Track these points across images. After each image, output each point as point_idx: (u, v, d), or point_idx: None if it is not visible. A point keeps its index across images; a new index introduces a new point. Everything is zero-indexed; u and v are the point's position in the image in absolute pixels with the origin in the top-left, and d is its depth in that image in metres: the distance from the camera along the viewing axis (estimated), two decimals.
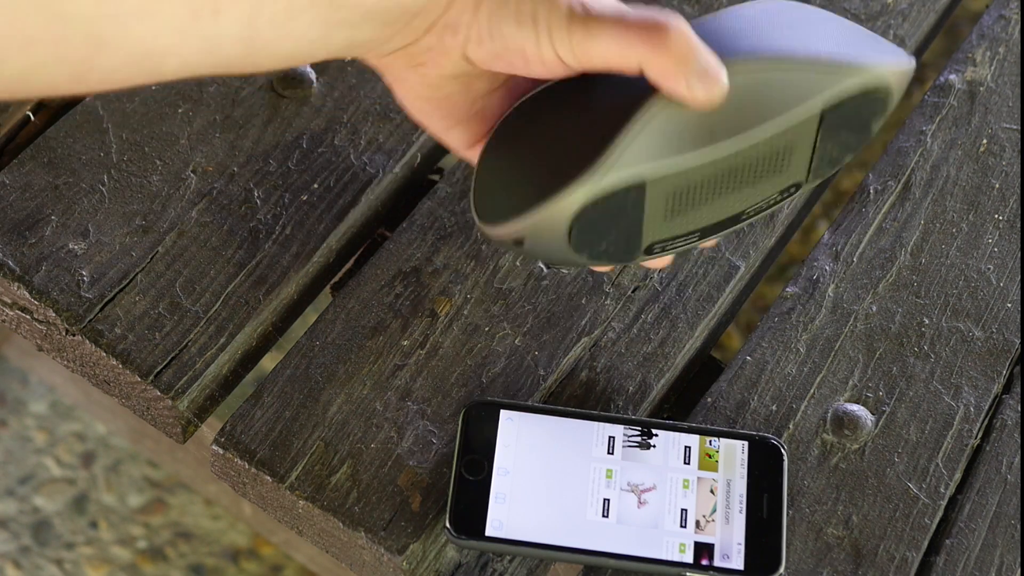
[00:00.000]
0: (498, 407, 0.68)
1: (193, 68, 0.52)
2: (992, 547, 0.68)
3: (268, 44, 0.53)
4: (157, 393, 0.69)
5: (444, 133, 0.64)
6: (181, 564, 1.26)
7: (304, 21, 0.53)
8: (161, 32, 0.49)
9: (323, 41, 0.55)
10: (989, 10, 0.88)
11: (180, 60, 0.51)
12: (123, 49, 0.49)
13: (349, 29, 0.55)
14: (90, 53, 0.49)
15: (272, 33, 0.53)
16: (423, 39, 0.58)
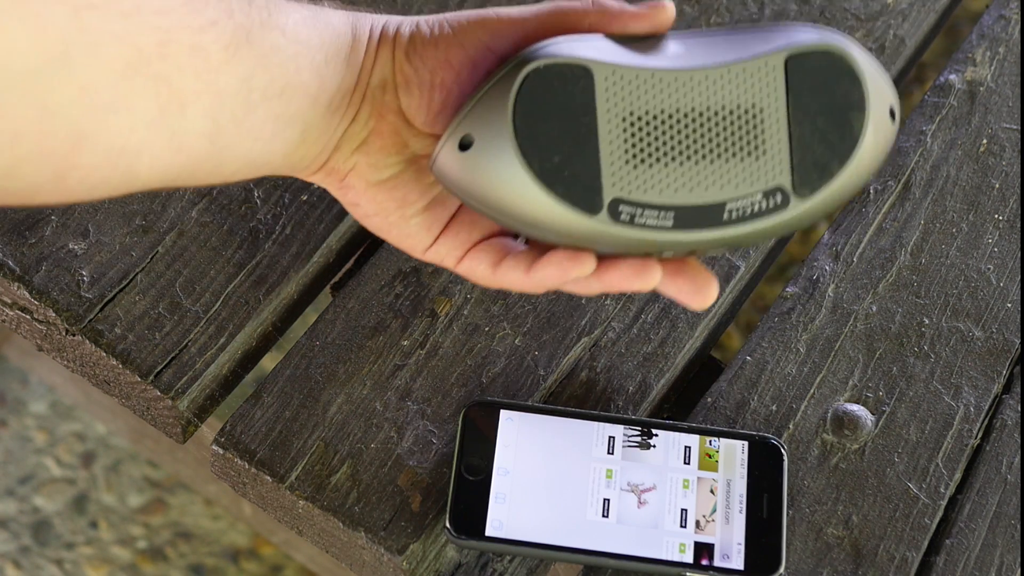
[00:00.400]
0: (498, 407, 0.68)
1: (164, 168, 0.54)
2: (992, 547, 0.68)
3: (230, 141, 0.55)
4: (157, 393, 0.69)
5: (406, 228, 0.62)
6: (181, 564, 1.26)
7: (259, 115, 0.55)
8: (135, 126, 0.51)
9: (280, 138, 0.57)
10: (989, 10, 0.88)
11: (151, 158, 0.53)
12: (101, 144, 0.51)
13: (301, 124, 0.57)
14: (71, 148, 0.50)
15: (233, 128, 0.55)
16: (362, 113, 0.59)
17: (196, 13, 0.52)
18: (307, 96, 0.57)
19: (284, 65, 0.56)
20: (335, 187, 0.62)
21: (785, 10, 0.85)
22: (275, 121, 0.56)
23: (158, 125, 0.52)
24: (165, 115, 0.52)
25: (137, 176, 0.53)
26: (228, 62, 0.53)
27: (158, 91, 0.51)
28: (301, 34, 0.57)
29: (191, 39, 0.52)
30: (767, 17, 0.84)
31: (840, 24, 0.85)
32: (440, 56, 0.59)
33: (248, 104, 0.55)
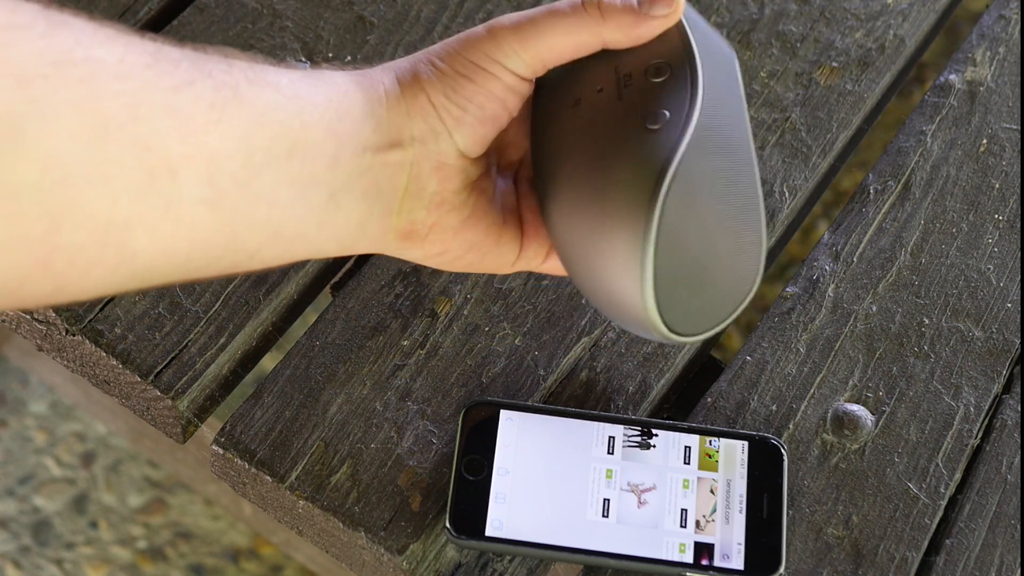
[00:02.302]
0: (498, 407, 0.68)
1: (167, 243, 0.50)
2: (992, 547, 0.68)
3: (239, 209, 0.51)
4: (157, 393, 0.69)
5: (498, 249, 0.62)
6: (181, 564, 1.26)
7: (268, 179, 0.52)
8: (117, 197, 0.47)
9: (302, 203, 0.54)
10: (989, 10, 0.88)
11: (148, 231, 0.49)
12: (82, 221, 0.47)
13: (325, 187, 0.54)
14: (48, 228, 0.46)
15: (239, 194, 0.51)
16: (418, 168, 0.57)
17: (165, 75, 0.49)
18: (323, 157, 0.54)
19: (285, 123, 0.52)
20: (418, 248, 0.60)
21: (785, 10, 0.85)
22: (291, 185, 0.53)
23: (147, 194, 0.48)
24: (154, 182, 0.48)
25: (136, 254, 0.49)
26: (217, 122, 0.50)
27: (139, 157, 0.47)
28: (300, 91, 0.54)
29: (165, 100, 0.48)
30: (767, 17, 0.84)
31: (840, 24, 0.85)
32: (480, 88, 0.58)
33: (251, 167, 0.51)
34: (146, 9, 0.82)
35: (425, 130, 0.57)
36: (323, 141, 0.54)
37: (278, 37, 0.81)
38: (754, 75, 0.82)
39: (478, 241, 0.61)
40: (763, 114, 0.81)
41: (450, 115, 0.57)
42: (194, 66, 0.50)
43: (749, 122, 0.62)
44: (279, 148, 0.52)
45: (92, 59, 0.46)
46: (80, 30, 0.47)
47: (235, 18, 0.81)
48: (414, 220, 0.58)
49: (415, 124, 0.57)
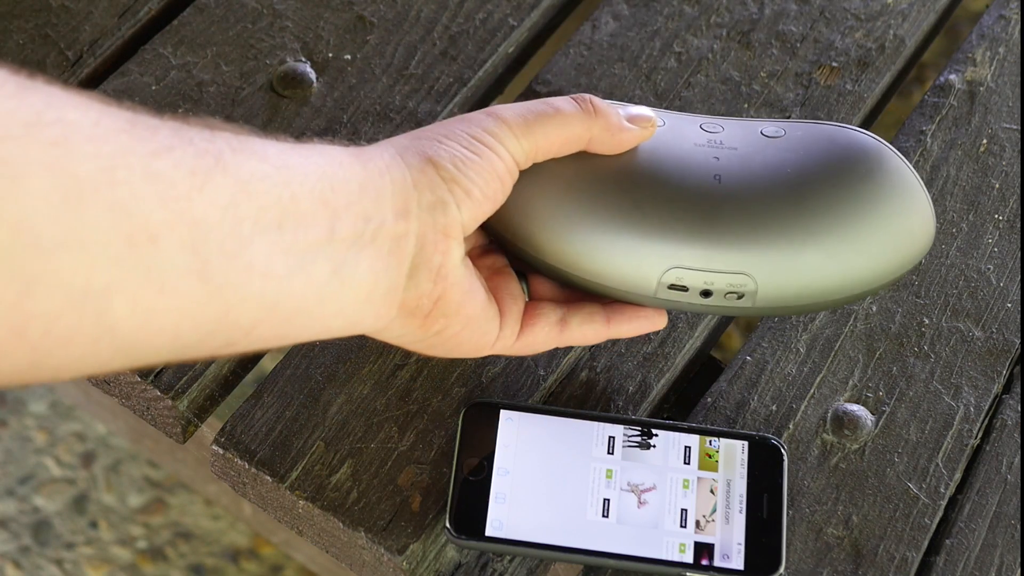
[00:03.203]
0: (498, 407, 0.68)
1: (150, 313, 0.48)
2: (992, 547, 0.68)
3: (230, 280, 0.50)
4: (157, 393, 0.69)
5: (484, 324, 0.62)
6: (181, 564, 1.26)
7: (259, 250, 0.50)
8: (96, 264, 0.45)
9: (301, 276, 0.52)
10: (989, 10, 0.88)
11: (129, 300, 0.47)
12: (56, 288, 0.45)
13: (325, 260, 0.53)
14: (20, 294, 0.44)
15: (228, 265, 0.49)
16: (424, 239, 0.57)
17: (143, 140, 0.47)
18: (318, 227, 0.52)
19: (273, 193, 0.51)
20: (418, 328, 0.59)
21: (785, 10, 0.85)
22: (285, 256, 0.51)
23: (126, 260, 0.46)
24: (133, 248, 0.46)
25: (116, 325, 0.47)
26: (200, 189, 0.48)
27: (116, 222, 0.45)
28: (290, 161, 0.52)
29: (143, 165, 0.46)
30: (767, 17, 0.84)
31: (840, 24, 0.85)
32: (486, 166, 0.58)
33: (239, 236, 0.49)
34: (146, 9, 0.82)
35: (433, 201, 0.57)
36: (315, 212, 0.52)
37: (278, 37, 0.81)
38: (754, 75, 0.82)
39: (474, 316, 0.61)
40: (763, 114, 0.81)
41: (460, 187, 0.57)
42: (174, 133, 0.49)
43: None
44: (267, 218, 0.50)
45: (65, 121, 0.45)
46: (51, 94, 0.46)
47: (235, 18, 0.81)
48: (420, 293, 0.58)
49: (422, 195, 0.56)
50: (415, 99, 0.79)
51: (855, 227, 0.62)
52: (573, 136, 0.61)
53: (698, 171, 0.62)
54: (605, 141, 0.62)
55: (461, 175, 0.57)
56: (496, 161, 0.59)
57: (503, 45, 0.82)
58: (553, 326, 0.64)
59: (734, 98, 0.81)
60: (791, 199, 0.62)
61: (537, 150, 0.61)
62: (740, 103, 0.81)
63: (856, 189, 0.62)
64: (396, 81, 0.80)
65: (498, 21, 0.83)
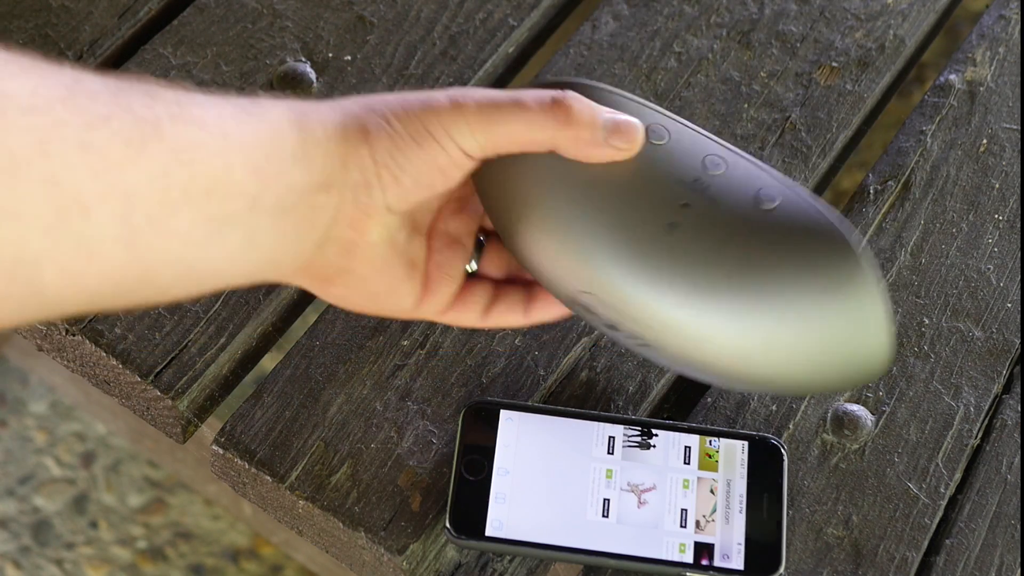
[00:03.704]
0: (498, 407, 0.68)
1: (77, 279, 0.49)
2: (992, 547, 0.68)
3: (153, 246, 0.51)
4: (157, 393, 0.69)
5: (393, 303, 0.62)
6: (181, 564, 1.26)
7: (185, 218, 0.51)
8: (27, 234, 0.47)
9: (218, 242, 0.53)
10: (989, 10, 0.88)
11: (58, 268, 0.48)
12: None
13: (243, 227, 0.53)
14: None
15: (153, 232, 0.50)
16: (340, 214, 0.57)
17: (80, 110, 0.48)
18: (244, 197, 0.53)
19: (207, 162, 0.51)
20: (318, 286, 0.60)
21: (785, 10, 0.85)
22: (206, 224, 0.52)
23: (57, 231, 0.47)
24: (64, 220, 0.47)
25: (45, 289, 0.48)
26: (134, 160, 0.49)
27: (48, 194, 0.46)
28: (228, 128, 0.53)
29: (78, 136, 0.47)
30: (767, 17, 0.84)
31: (840, 24, 0.85)
32: (425, 156, 0.57)
33: (167, 205, 0.50)
34: (146, 9, 0.82)
35: (358, 181, 0.56)
36: (245, 181, 0.53)
37: (278, 37, 0.81)
38: (754, 75, 0.82)
39: (380, 291, 0.61)
40: (763, 114, 0.81)
41: (388, 173, 0.57)
42: (113, 99, 0.49)
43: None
44: (197, 187, 0.51)
45: (2, 93, 0.46)
46: None
47: (235, 18, 0.81)
48: (326, 263, 0.58)
49: (350, 173, 0.56)
50: None
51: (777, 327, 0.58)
52: (535, 140, 0.58)
53: (657, 210, 0.59)
54: (571, 152, 0.59)
55: (393, 162, 0.57)
56: (439, 154, 0.57)
57: (503, 45, 0.82)
58: (479, 310, 0.64)
59: (734, 98, 0.81)
60: (724, 283, 0.58)
61: (495, 146, 0.58)
62: (740, 103, 0.81)
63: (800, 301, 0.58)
64: (396, 81, 0.80)
65: (498, 21, 0.83)
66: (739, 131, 0.80)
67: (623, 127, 0.59)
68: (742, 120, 0.80)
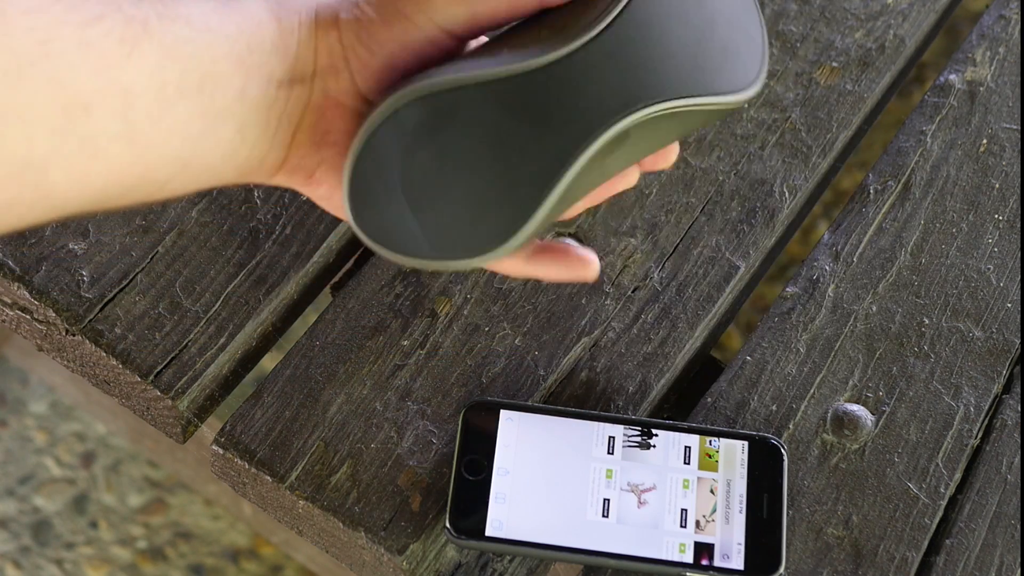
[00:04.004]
0: (498, 407, 0.68)
1: (82, 177, 0.50)
2: (992, 547, 0.68)
3: (153, 142, 0.52)
4: (157, 393, 0.69)
5: None
6: (181, 564, 1.26)
7: (181, 112, 0.52)
8: (35, 135, 0.48)
9: (212, 136, 0.54)
10: (989, 10, 0.88)
11: (65, 169, 0.49)
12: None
13: (232, 120, 0.54)
14: None
15: (151, 128, 0.52)
16: (312, 102, 0.57)
17: (74, 9, 0.48)
18: (232, 89, 0.54)
19: (196, 56, 0.52)
20: (301, 185, 0.60)
21: (785, 10, 0.85)
22: (201, 118, 0.53)
23: (63, 131, 0.48)
24: (69, 120, 0.48)
25: (53, 190, 0.50)
26: (128, 56, 0.50)
27: (53, 94, 0.48)
28: (212, 23, 0.54)
29: (76, 35, 0.48)
30: (767, 17, 0.84)
31: (840, 24, 0.85)
32: (396, 38, 0.57)
33: (163, 100, 0.51)
34: None
35: (327, 67, 0.57)
36: (232, 73, 0.54)
37: None
38: None
39: None
40: (763, 114, 0.81)
41: (357, 57, 0.57)
42: (101, 0, 0.50)
43: None
44: (189, 81, 0.52)
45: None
46: None
47: None
48: (303, 155, 0.58)
49: (320, 59, 0.57)
50: None
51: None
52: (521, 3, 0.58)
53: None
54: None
55: (361, 46, 0.56)
56: (413, 32, 0.57)
57: None
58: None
59: None
60: None
61: (476, 18, 0.57)
62: None
63: None
64: None
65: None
66: (739, 131, 0.80)
67: None
68: (742, 120, 0.80)
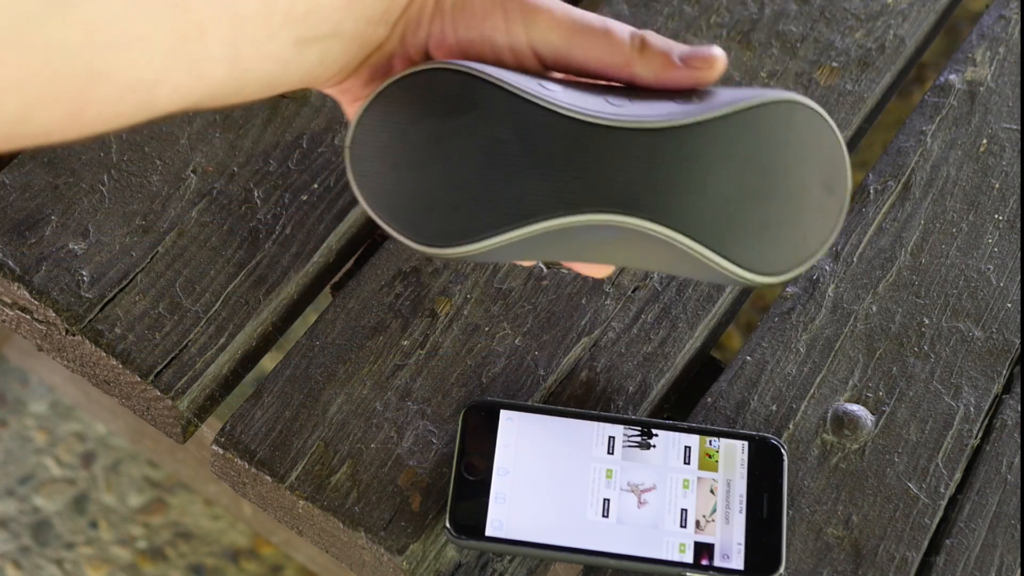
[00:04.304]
0: (498, 407, 0.68)
1: (183, 96, 0.53)
2: (992, 547, 0.68)
3: (250, 65, 0.54)
4: (157, 393, 0.69)
5: None
6: (181, 564, 1.26)
7: (280, 40, 0.54)
8: (152, 58, 0.50)
9: (297, 61, 0.56)
10: (989, 10, 0.88)
11: (171, 87, 0.51)
12: (116, 80, 0.49)
13: (319, 48, 0.57)
14: (84, 87, 0.48)
15: (253, 53, 0.54)
16: (386, 44, 0.59)
17: None
18: (331, 21, 0.56)
19: None
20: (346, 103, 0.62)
21: (785, 10, 0.85)
22: (295, 45, 0.55)
23: (177, 54, 0.51)
24: (184, 43, 0.51)
25: (155, 105, 0.52)
26: None
27: (175, 20, 0.50)
28: None
29: None
30: (767, 17, 0.84)
31: (840, 24, 0.85)
32: (484, 30, 0.58)
33: (269, 27, 0.54)
34: None
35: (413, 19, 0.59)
36: (335, 6, 0.56)
37: None
38: (754, 75, 0.82)
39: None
40: None
41: (442, 26, 0.59)
42: None
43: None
44: (296, 11, 0.54)
45: None
46: None
47: None
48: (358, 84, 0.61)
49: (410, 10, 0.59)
50: None
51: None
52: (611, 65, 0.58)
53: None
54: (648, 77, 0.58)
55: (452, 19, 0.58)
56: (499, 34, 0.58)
57: None
58: None
59: None
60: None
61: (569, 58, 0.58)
62: None
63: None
64: None
65: None
66: None
67: (700, 51, 0.58)
68: None
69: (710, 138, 0.56)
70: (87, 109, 0.49)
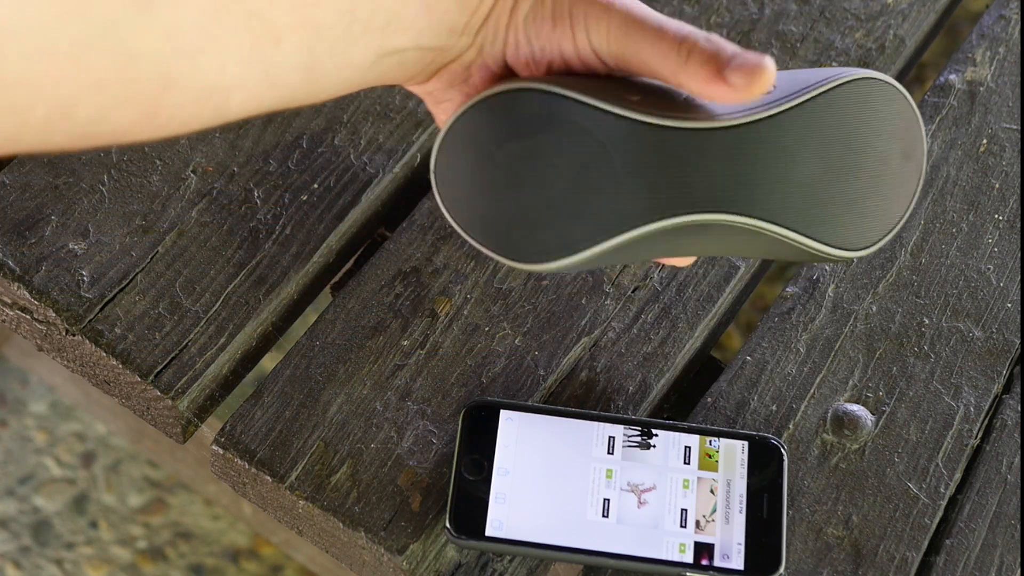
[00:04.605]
0: (498, 407, 0.68)
1: (257, 102, 0.53)
2: (992, 547, 0.68)
3: (327, 72, 0.54)
4: (157, 393, 0.69)
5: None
6: (181, 564, 1.26)
7: (359, 48, 0.55)
8: (226, 64, 0.50)
9: (375, 67, 0.56)
10: (989, 10, 0.88)
11: (245, 94, 0.52)
12: (191, 86, 0.50)
13: (398, 57, 0.57)
14: (159, 91, 0.49)
15: (331, 61, 0.54)
16: (465, 54, 0.60)
17: None
18: (412, 30, 0.56)
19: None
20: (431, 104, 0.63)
21: (785, 10, 0.85)
22: (375, 53, 0.56)
23: (251, 62, 0.51)
24: (258, 51, 0.51)
25: (228, 111, 0.52)
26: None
27: (250, 27, 0.50)
28: None
29: None
30: (767, 17, 0.84)
31: (840, 24, 0.85)
32: (553, 40, 0.59)
33: (348, 37, 0.54)
34: None
35: (491, 29, 0.59)
36: (416, 17, 0.56)
37: None
38: None
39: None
40: None
41: (515, 37, 0.59)
42: None
43: None
44: (377, 21, 0.54)
45: None
46: None
47: None
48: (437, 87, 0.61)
49: (489, 22, 0.59)
50: (415, 98, 0.79)
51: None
52: (660, 72, 0.57)
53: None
54: (693, 87, 0.57)
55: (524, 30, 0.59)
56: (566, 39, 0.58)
57: None
58: None
59: None
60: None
61: (624, 62, 0.58)
62: None
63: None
64: None
65: None
66: None
67: (746, 64, 0.55)
68: None
69: (791, 127, 0.57)
70: (161, 113, 0.50)
